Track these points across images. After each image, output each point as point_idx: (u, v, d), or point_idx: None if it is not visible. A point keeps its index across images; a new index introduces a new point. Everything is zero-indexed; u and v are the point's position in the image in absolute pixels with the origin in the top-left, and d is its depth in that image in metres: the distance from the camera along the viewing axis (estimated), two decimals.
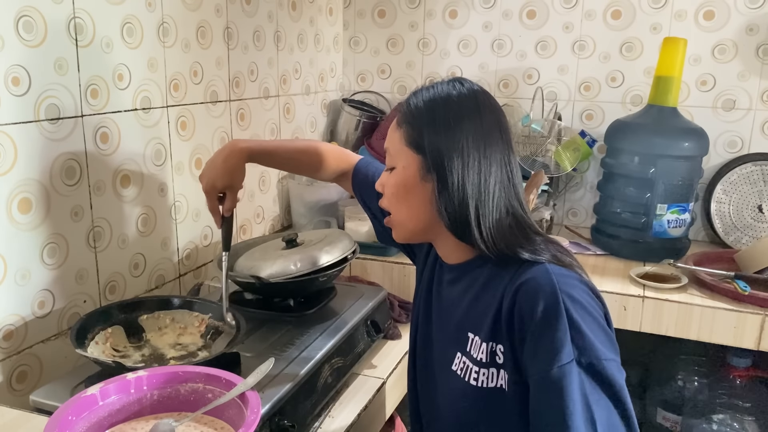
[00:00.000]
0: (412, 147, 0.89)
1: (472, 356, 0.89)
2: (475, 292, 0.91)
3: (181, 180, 1.45)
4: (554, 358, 0.77)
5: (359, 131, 2.09)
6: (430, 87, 0.91)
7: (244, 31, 1.63)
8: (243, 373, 0.91)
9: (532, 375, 0.80)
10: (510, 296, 0.83)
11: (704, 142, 1.69)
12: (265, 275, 1.24)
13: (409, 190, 0.90)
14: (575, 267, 0.86)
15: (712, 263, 1.65)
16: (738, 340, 1.45)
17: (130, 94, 1.28)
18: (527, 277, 0.82)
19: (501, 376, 0.85)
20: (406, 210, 0.92)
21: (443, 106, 0.88)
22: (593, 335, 0.78)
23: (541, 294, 0.80)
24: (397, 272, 1.67)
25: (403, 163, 0.90)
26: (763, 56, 1.79)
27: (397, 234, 0.96)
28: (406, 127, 0.90)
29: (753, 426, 1.69)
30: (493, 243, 0.86)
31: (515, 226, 0.87)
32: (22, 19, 1.05)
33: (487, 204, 0.86)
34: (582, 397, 0.76)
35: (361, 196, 1.18)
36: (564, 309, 0.78)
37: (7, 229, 1.07)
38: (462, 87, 0.89)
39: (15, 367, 1.11)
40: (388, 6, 2.13)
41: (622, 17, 1.90)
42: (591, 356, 0.77)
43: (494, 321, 0.86)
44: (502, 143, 0.88)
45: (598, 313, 0.82)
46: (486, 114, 0.88)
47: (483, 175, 0.86)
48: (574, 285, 0.82)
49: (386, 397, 1.26)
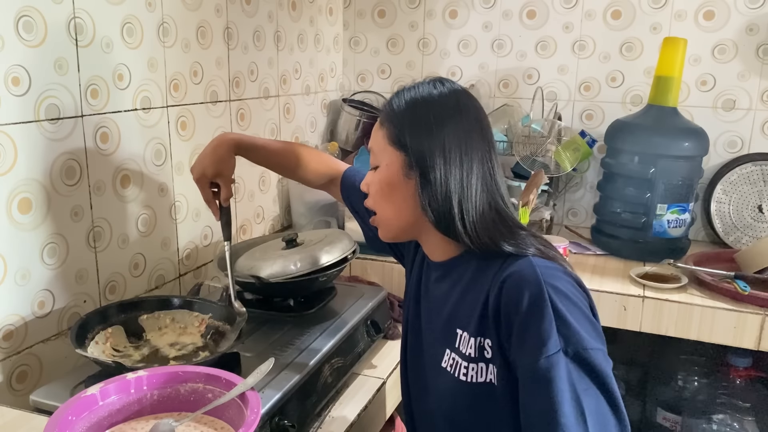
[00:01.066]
0: (395, 145, 0.90)
1: (461, 352, 0.89)
2: (462, 289, 0.92)
3: (181, 180, 1.45)
4: (541, 349, 0.77)
5: (359, 131, 2.09)
6: (411, 87, 0.93)
7: (244, 31, 1.63)
8: (243, 373, 0.91)
9: (520, 367, 0.81)
10: (495, 290, 0.84)
11: (704, 142, 1.70)
12: (265, 275, 1.24)
13: (393, 187, 0.91)
14: (559, 259, 0.87)
15: (712, 263, 1.65)
16: (738, 340, 1.45)
17: (130, 94, 1.28)
18: (512, 271, 0.83)
19: (490, 370, 0.86)
20: (390, 207, 0.93)
21: (425, 106, 0.90)
22: (579, 325, 0.79)
23: (525, 286, 0.81)
24: (397, 272, 1.67)
25: (387, 161, 0.92)
26: (763, 56, 1.79)
27: (383, 233, 0.97)
28: (388, 126, 0.92)
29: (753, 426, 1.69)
30: (477, 236, 0.87)
31: (498, 221, 0.89)
32: (22, 19, 1.05)
33: (470, 199, 0.87)
34: (570, 387, 0.76)
35: (350, 202, 1.20)
36: (549, 300, 0.79)
37: (7, 229, 1.07)
38: (443, 87, 0.91)
39: (15, 367, 1.11)
40: (388, 6, 2.13)
41: (622, 17, 1.90)
42: (577, 346, 0.78)
43: (481, 316, 0.87)
44: (482, 141, 0.90)
45: (583, 303, 0.83)
46: (466, 113, 0.90)
47: (465, 172, 0.87)
48: (558, 276, 0.83)
49: (386, 397, 1.26)
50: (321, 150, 1.98)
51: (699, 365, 1.80)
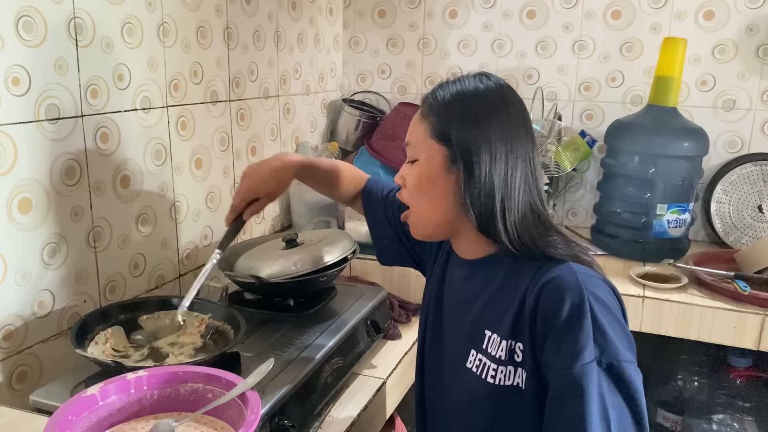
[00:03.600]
0: (438, 138, 0.88)
1: (490, 354, 0.88)
2: (493, 289, 0.90)
3: (181, 180, 1.45)
4: (576, 357, 0.77)
5: (359, 131, 2.09)
6: (456, 80, 0.91)
7: (244, 31, 1.63)
8: (243, 373, 0.91)
9: (552, 373, 0.80)
10: (534, 294, 0.82)
11: (704, 142, 1.69)
12: (265, 275, 1.24)
13: (432, 181, 0.89)
14: (595, 266, 0.86)
15: (712, 263, 1.65)
16: (738, 340, 1.45)
17: (130, 94, 1.28)
18: (552, 276, 0.82)
19: (518, 374, 0.85)
20: (427, 202, 0.91)
21: (472, 99, 0.88)
22: (615, 336, 0.78)
23: (567, 293, 0.80)
24: (397, 272, 1.67)
25: (427, 155, 0.89)
26: (763, 56, 1.79)
27: (418, 230, 0.95)
28: (432, 119, 0.89)
29: (753, 426, 1.69)
30: (518, 237, 0.86)
31: (538, 222, 0.87)
32: (22, 19, 1.05)
33: (513, 198, 0.86)
34: (599, 397, 0.76)
35: (370, 213, 1.18)
36: (589, 308, 0.78)
37: (7, 229, 1.07)
38: (489, 81, 0.90)
39: (15, 367, 1.11)
40: (388, 6, 2.13)
41: (622, 17, 1.90)
42: (611, 357, 0.77)
43: (515, 318, 0.85)
44: (527, 139, 0.88)
45: (620, 314, 0.82)
46: (513, 108, 0.88)
47: (509, 169, 0.86)
48: (598, 284, 0.82)
49: (386, 397, 1.26)
50: (321, 150, 1.98)
51: (699, 365, 1.80)
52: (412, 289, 1.66)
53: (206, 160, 1.53)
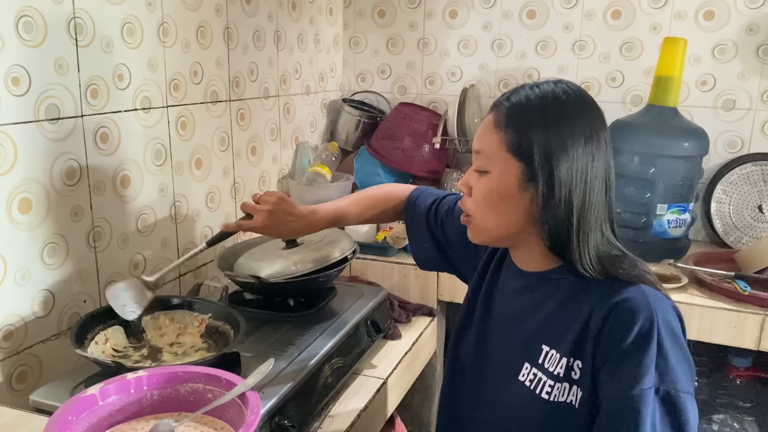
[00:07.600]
0: (515, 153, 0.84)
1: (547, 369, 0.86)
2: (555, 305, 0.87)
3: (181, 180, 1.45)
4: (637, 382, 0.76)
5: (359, 131, 2.09)
6: (533, 86, 0.86)
7: (244, 31, 1.63)
8: (243, 373, 0.91)
9: (608, 394, 0.79)
10: (601, 315, 0.81)
11: (704, 142, 1.69)
12: (265, 275, 1.24)
13: (503, 197, 0.86)
14: (660, 286, 0.84)
15: (712, 263, 1.65)
16: (738, 340, 1.45)
17: (130, 94, 1.28)
18: (623, 297, 0.80)
19: (573, 391, 0.83)
20: (495, 217, 0.88)
21: (553, 113, 0.83)
22: (677, 365, 0.77)
23: (638, 316, 0.78)
24: (397, 272, 1.67)
25: (500, 170, 0.85)
26: (763, 56, 1.79)
27: (477, 237, 0.92)
28: (508, 131, 0.85)
29: (753, 426, 1.69)
30: (589, 258, 0.83)
31: (612, 243, 0.85)
32: (22, 19, 1.05)
33: (590, 219, 0.83)
34: (651, 426, 0.75)
35: (413, 223, 1.17)
36: (657, 334, 0.77)
37: (7, 229, 1.07)
38: (569, 90, 0.85)
39: (15, 367, 1.10)
40: (388, 6, 2.13)
41: (622, 17, 1.90)
42: (670, 386, 0.76)
43: (578, 338, 0.83)
44: (607, 153, 0.85)
45: (685, 341, 0.81)
46: (595, 121, 0.85)
47: (589, 188, 0.83)
48: (668, 310, 0.80)
49: (386, 397, 1.26)
50: (321, 150, 1.98)
51: (699, 365, 1.80)
52: (412, 289, 1.66)
53: (206, 160, 1.53)
